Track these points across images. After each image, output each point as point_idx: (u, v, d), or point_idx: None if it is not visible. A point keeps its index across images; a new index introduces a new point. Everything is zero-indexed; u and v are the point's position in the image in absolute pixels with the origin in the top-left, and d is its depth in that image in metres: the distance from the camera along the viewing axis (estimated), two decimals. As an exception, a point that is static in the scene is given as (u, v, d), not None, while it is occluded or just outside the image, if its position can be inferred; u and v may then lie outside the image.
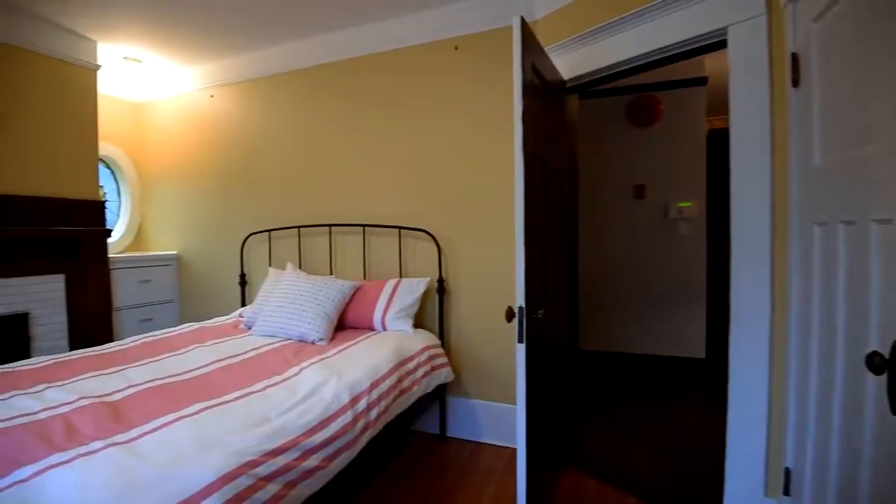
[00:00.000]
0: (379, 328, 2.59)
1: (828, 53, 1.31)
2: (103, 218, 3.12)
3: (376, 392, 1.91)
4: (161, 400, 1.58)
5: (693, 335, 3.64)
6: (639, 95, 3.70)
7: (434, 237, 2.73)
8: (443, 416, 2.72)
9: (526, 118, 1.60)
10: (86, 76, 3.00)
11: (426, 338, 2.55)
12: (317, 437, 1.52)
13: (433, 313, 2.76)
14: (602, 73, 2.18)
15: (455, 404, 2.74)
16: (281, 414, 1.54)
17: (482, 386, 2.69)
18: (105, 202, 3.18)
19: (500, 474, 2.31)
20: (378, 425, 1.88)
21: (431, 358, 2.45)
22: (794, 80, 1.49)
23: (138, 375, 1.81)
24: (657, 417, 2.96)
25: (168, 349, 2.20)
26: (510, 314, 1.59)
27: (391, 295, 2.62)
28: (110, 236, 3.18)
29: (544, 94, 1.94)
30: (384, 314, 2.57)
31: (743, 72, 1.67)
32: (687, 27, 1.81)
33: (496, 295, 2.59)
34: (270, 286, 2.84)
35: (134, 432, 1.35)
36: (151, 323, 3.41)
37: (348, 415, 1.70)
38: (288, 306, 2.48)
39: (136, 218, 3.82)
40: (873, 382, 1.03)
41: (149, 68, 3.41)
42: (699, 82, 3.57)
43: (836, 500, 1.23)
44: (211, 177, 3.54)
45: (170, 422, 1.41)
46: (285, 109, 3.23)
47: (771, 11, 1.61)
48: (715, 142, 3.61)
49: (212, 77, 3.45)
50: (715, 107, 3.45)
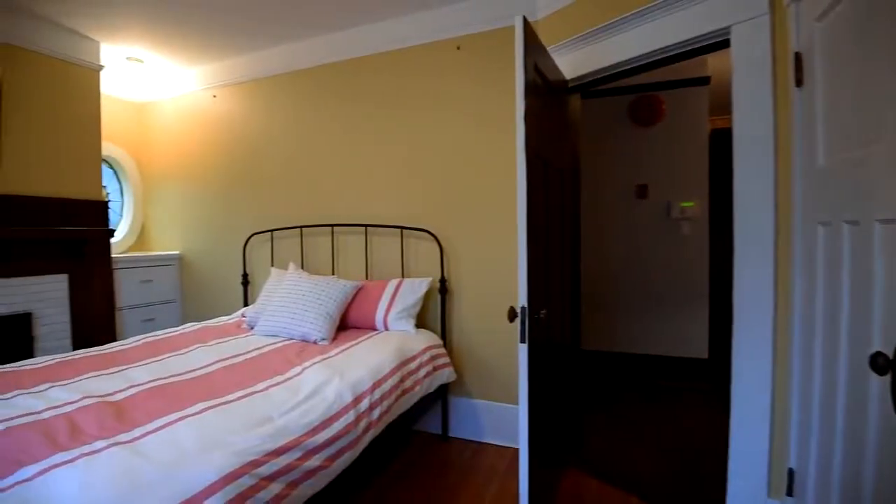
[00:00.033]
0: (381, 328, 2.59)
1: (831, 53, 1.31)
2: (106, 218, 3.13)
3: (378, 392, 1.91)
4: (164, 400, 1.58)
5: (695, 335, 3.63)
6: (641, 95, 3.70)
7: (436, 237, 2.73)
8: (445, 416, 2.73)
9: (528, 118, 1.59)
10: (89, 76, 3.01)
11: (428, 338, 2.55)
12: (319, 437, 1.53)
13: (435, 313, 2.76)
14: (604, 73, 2.17)
15: (457, 404, 2.74)
16: (283, 414, 1.54)
17: (484, 386, 2.69)
18: (108, 202, 3.20)
19: (503, 474, 2.31)
20: (380, 425, 1.89)
21: (433, 358, 2.45)
22: (798, 80, 1.49)
23: (141, 375, 1.82)
24: (659, 417, 2.95)
25: (170, 349, 2.20)
26: (512, 314, 1.59)
27: (393, 295, 2.62)
28: (113, 236, 3.19)
29: (546, 94, 1.94)
30: (386, 314, 2.58)
31: (746, 71, 1.67)
32: (689, 27, 1.80)
33: (498, 295, 2.58)
34: (273, 286, 2.85)
35: (137, 432, 1.35)
36: (154, 323, 3.42)
37: (350, 415, 1.71)
38: (290, 306, 2.48)
39: (139, 218, 3.84)
40: (877, 383, 1.02)
41: (151, 69, 3.42)
42: (702, 82, 3.56)
43: (840, 501, 1.23)
44: (213, 177, 3.55)
45: (172, 421, 1.41)
46: (287, 110, 3.24)
47: (774, 11, 1.60)
48: (717, 141, 3.59)
49: (214, 77, 3.46)
50: (717, 106, 3.43)
